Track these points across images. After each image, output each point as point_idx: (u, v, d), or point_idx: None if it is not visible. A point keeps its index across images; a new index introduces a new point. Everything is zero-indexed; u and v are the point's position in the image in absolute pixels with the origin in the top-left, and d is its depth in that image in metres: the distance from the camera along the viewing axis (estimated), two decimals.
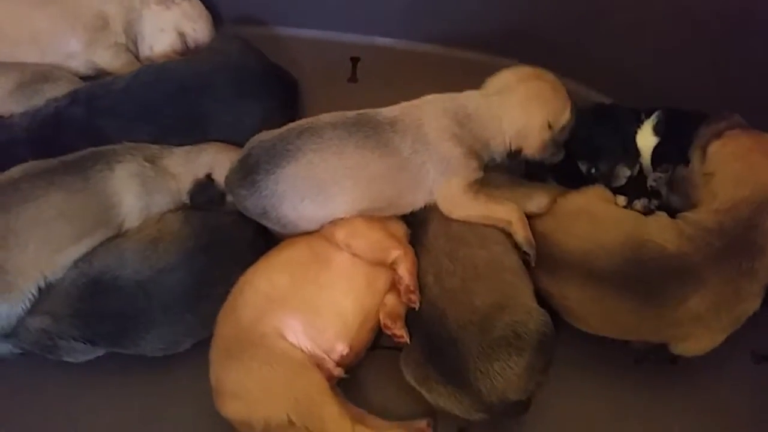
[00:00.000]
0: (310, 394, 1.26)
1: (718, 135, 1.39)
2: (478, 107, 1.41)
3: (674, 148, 1.49)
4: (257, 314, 1.32)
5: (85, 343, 1.38)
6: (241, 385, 1.29)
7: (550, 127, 1.41)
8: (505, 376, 1.22)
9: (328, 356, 1.33)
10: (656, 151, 1.52)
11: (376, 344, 1.45)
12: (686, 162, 1.45)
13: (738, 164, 1.33)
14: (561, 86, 1.45)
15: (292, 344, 1.31)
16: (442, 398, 1.28)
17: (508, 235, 1.39)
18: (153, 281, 1.37)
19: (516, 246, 1.39)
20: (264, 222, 1.42)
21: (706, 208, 1.33)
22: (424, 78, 1.58)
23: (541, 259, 1.38)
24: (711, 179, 1.34)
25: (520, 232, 1.38)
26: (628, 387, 1.43)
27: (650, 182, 1.52)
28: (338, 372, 1.34)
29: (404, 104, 1.44)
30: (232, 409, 1.30)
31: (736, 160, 1.34)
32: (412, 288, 1.33)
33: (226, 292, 1.38)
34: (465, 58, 1.87)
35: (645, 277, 1.29)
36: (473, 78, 1.48)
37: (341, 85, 1.87)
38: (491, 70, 1.80)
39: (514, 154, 1.42)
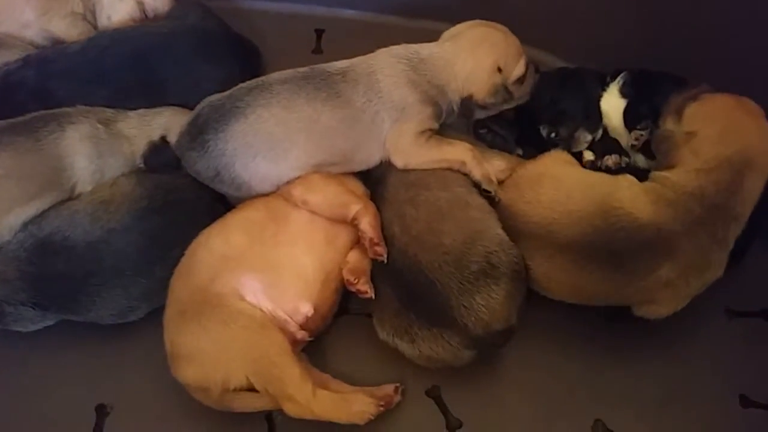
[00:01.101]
0: (270, 355, 1.22)
1: (695, 98, 1.36)
2: (431, 53, 1.41)
3: (647, 105, 1.46)
4: (213, 274, 1.28)
5: (34, 309, 1.34)
6: (196, 347, 1.24)
7: (500, 70, 1.40)
8: (488, 307, 1.22)
9: (292, 318, 1.29)
10: (629, 111, 1.49)
11: (345, 310, 1.42)
12: (657, 122, 1.43)
13: (721, 121, 1.30)
14: (514, 38, 1.45)
15: (251, 304, 1.27)
16: (428, 343, 1.25)
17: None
18: (104, 242, 1.33)
19: (477, 187, 1.37)
20: (218, 186, 1.39)
21: (687, 168, 1.29)
22: None
23: (504, 231, 1.34)
24: (692, 138, 1.30)
25: (476, 170, 1.37)
26: (602, 347, 1.40)
27: (632, 141, 1.48)
28: (302, 335, 1.30)
29: (358, 57, 1.42)
30: (187, 373, 1.25)
31: (719, 118, 1.31)
32: (376, 240, 1.30)
33: (182, 255, 1.34)
34: (429, 29, 1.78)
35: (615, 247, 1.26)
36: None
37: (306, 57, 1.84)
38: None
39: (467, 101, 1.40)
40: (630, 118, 1.49)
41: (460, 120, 1.45)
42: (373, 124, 1.36)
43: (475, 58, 1.40)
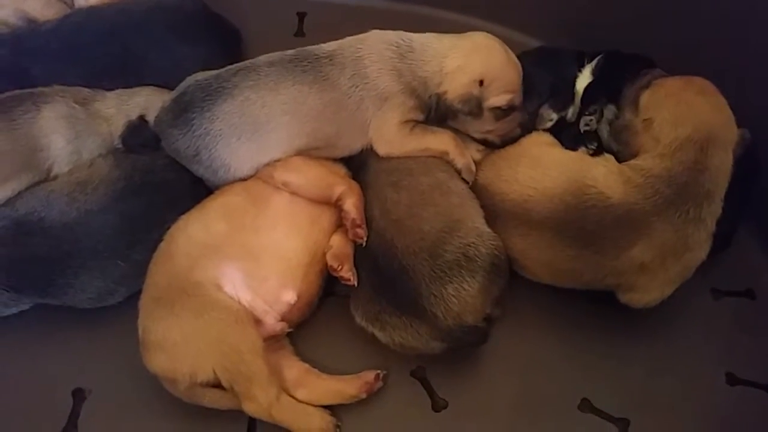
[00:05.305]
0: (240, 352, 1.19)
1: (647, 86, 1.37)
2: (425, 42, 1.36)
3: (601, 88, 1.45)
4: (192, 263, 1.26)
5: (8, 291, 1.30)
6: (167, 336, 1.21)
7: (481, 84, 1.33)
8: (459, 299, 1.20)
9: (273, 308, 1.27)
10: (585, 92, 1.47)
11: (331, 292, 1.40)
12: (613, 102, 1.43)
13: (674, 104, 1.31)
14: (518, 73, 1.38)
15: (228, 296, 1.25)
16: (398, 331, 1.24)
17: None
18: (81, 223, 1.30)
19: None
20: (195, 167, 1.36)
21: (651, 154, 1.30)
22: None
23: (483, 211, 1.34)
24: (650, 124, 1.31)
25: (458, 159, 1.36)
26: (588, 327, 1.39)
27: (582, 126, 1.47)
28: (281, 327, 1.27)
29: (348, 38, 1.39)
30: (155, 362, 1.22)
31: (671, 101, 1.32)
32: (358, 222, 1.28)
33: (162, 239, 1.31)
34: (410, 12, 1.84)
35: (585, 224, 1.26)
36: (419, 31, 1.41)
37: (288, 40, 1.81)
38: (437, 24, 1.79)
39: (439, 97, 1.34)
40: (585, 99, 1.47)
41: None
42: (357, 110, 1.33)
43: (467, 60, 1.33)
